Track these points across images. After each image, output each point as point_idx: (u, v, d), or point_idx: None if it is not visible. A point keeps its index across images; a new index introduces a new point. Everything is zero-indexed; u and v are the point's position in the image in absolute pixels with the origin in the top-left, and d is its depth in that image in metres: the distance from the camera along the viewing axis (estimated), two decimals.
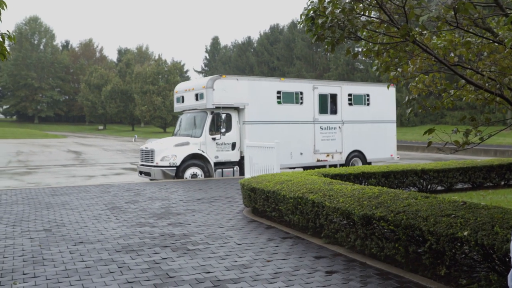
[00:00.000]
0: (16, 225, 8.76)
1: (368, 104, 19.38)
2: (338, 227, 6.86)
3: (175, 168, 15.67)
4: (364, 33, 5.99)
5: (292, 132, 17.54)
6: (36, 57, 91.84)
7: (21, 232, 8.17)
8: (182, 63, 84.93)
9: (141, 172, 16.49)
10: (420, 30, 5.81)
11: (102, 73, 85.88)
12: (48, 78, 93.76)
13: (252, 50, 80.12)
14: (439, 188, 12.50)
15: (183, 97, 17.90)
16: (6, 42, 4.78)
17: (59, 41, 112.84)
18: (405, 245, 5.65)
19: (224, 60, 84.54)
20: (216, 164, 16.37)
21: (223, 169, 16.38)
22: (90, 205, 10.73)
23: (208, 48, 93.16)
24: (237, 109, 16.81)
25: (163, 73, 72.94)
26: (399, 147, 34.19)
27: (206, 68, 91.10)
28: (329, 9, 5.44)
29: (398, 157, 20.02)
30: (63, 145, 42.39)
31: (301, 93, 17.87)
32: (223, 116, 16.25)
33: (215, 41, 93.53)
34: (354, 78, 60.34)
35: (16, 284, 5.46)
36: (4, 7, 4.48)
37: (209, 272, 5.78)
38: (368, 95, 19.38)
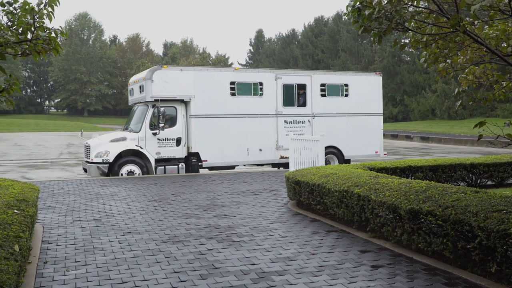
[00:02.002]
0: (68, 214, 9.05)
1: (346, 95, 17.62)
2: (384, 221, 6.78)
3: (108, 164, 14.75)
4: (412, 24, 5.87)
5: (249, 127, 16.27)
6: (85, 52, 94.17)
7: (73, 221, 8.44)
8: (226, 57, 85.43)
9: (84, 169, 15.63)
10: (471, 19, 5.64)
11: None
12: (97, 72, 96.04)
13: (296, 42, 79.67)
14: (489, 182, 12.14)
15: (133, 89, 16.85)
16: (59, 38, 4.92)
17: (107, 36, 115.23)
18: (453, 241, 5.53)
19: (268, 53, 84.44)
20: (158, 160, 15.27)
21: (166, 166, 15.23)
22: (137, 196, 10.96)
23: (252, 41, 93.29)
24: (184, 102, 15.66)
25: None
26: (447, 141, 33.47)
27: (250, 61, 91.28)
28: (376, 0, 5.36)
29: (385, 154, 18.36)
30: None
31: (261, 83, 16.46)
32: (162, 109, 15.04)
33: (259, 34, 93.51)
34: (400, 70, 59.25)
35: (68, 271, 5.65)
36: (57, 3, 4.62)
37: (254, 264, 5.82)
38: (346, 85, 17.62)
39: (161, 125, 15.04)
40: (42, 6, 4.67)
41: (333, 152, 17.29)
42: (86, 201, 10.49)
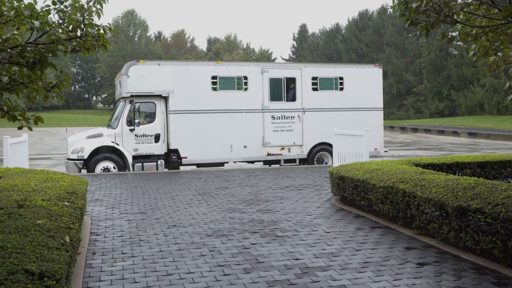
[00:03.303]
0: (115, 207, 9.27)
1: (341, 89, 16.86)
2: (430, 218, 6.65)
3: (83, 161, 14.53)
4: (461, 16, 5.72)
5: (232, 123, 15.75)
6: (131, 49, 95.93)
7: (120, 214, 8.64)
8: (269, 52, 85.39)
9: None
10: None
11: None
12: None
13: (340, 37, 78.83)
14: None
15: (116, 85, 16.59)
16: (107, 35, 5.04)
17: (152, 32, 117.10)
18: (503, 239, 5.37)
19: (311, 48, 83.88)
20: (136, 157, 14.96)
21: (144, 163, 14.91)
22: (182, 190, 11.12)
23: (296, 35, 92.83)
24: (164, 97, 15.29)
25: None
26: (496, 137, 32.48)
27: (294, 56, 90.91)
28: None
29: (385, 151, 17.43)
30: None
31: (245, 77, 15.89)
32: (138, 105, 14.70)
33: (303, 29, 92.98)
34: (447, 64, 57.82)
35: (116, 262, 5.79)
36: (106, 1, 4.73)
37: (297, 259, 5.82)
38: (341, 78, 16.84)
39: (137, 121, 14.78)
40: (91, 3, 4.78)
41: (326, 149, 16.72)
42: (132, 194, 10.72)
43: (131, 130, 14.83)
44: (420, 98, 61.90)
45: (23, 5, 4.59)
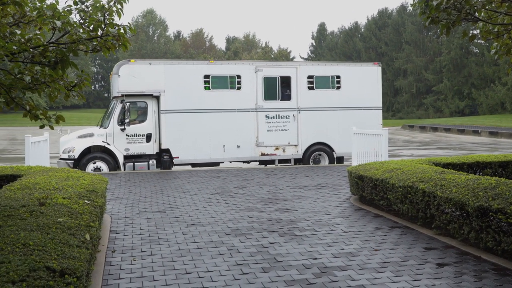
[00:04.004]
0: (134, 205, 9.35)
1: (338, 88, 16.52)
2: (450, 218, 6.58)
3: (73, 161, 14.41)
4: (483, 14, 5.65)
5: (225, 122, 15.55)
6: (151, 48, 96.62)
7: (139, 212, 8.71)
8: (288, 50, 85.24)
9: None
10: None
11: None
12: None
13: (359, 35, 78.43)
14: None
15: (109, 84, 16.39)
16: (127, 34, 5.08)
17: (171, 32, 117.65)
18: None
19: (330, 47, 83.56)
20: (128, 157, 14.86)
21: (135, 163, 14.77)
22: (200, 189, 11.17)
23: (315, 34, 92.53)
24: (156, 97, 15.15)
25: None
26: None
27: (312, 55, 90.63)
28: None
29: None
30: None
31: (239, 76, 15.68)
32: (128, 105, 14.61)
33: (322, 28, 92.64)
34: (468, 63, 57.15)
35: (135, 260, 5.84)
36: (126, 1, 4.77)
37: (316, 259, 5.80)
38: (338, 77, 16.51)
39: (127, 120, 14.70)
40: (112, 3, 4.83)
41: (322, 149, 16.50)
42: (151, 193, 10.79)
43: (122, 130, 14.77)
44: (440, 97, 61.29)
45: (45, 6, 4.65)
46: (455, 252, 6.01)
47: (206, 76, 15.48)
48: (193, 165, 15.78)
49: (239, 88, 15.75)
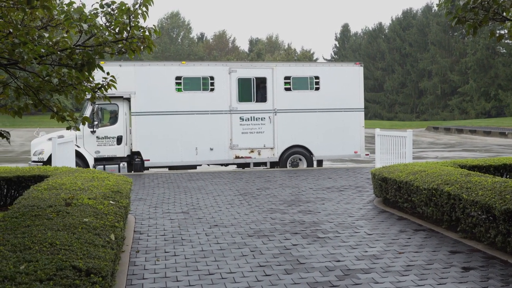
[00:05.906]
0: (158, 206, 9.42)
1: (317, 89, 16.03)
2: (476, 222, 6.48)
3: (42, 163, 13.98)
4: (511, 14, 5.56)
5: (198, 124, 15.28)
6: (174, 50, 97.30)
7: (162, 213, 8.78)
8: (311, 52, 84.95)
9: None
10: None
11: None
12: None
13: (383, 36, 77.72)
14: None
15: None
16: (152, 36, 5.14)
17: (195, 33, 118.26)
18: None
19: (354, 48, 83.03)
20: (98, 159, 14.67)
21: (105, 166, 14.52)
22: (223, 190, 11.20)
23: (338, 35, 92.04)
24: (126, 99, 14.99)
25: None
26: None
27: (336, 56, 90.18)
28: None
29: (367, 154, 16.47)
30: None
31: (212, 78, 15.36)
32: (96, 107, 14.39)
33: (345, 29, 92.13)
34: (495, 63, 56.21)
35: (159, 260, 5.89)
36: (151, 3, 4.82)
37: (339, 261, 5.78)
38: (317, 78, 16.01)
39: (95, 123, 14.50)
40: (137, 6, 4.89)
41: (300, 152, 16.06)
42: (174, 194, 10.87)
43: (92, 132, 14.62)
44: (466, 98, 60.39)
45: (72, 9, 4.73)
46: (481, 256, 5.92)
47: (178, 78, 15.24)
48: (170, 168, 15.67)
49: (212, 90, 15.45)
